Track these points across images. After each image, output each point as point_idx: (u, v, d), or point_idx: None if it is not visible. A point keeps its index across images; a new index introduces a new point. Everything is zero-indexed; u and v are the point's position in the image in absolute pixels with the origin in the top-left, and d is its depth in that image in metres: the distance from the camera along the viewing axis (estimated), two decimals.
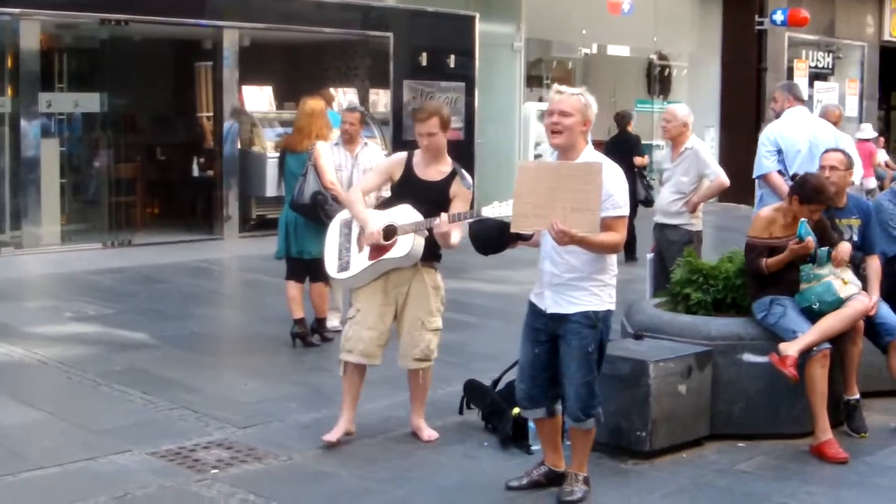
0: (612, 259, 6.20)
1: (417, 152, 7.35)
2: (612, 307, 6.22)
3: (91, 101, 16.15)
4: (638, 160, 15.60)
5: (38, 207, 15.26)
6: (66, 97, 16.09)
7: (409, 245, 7.10)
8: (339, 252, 7.42)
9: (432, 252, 7.26)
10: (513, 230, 6.04)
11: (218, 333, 11.11)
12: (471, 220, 6.60)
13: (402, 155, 7.42)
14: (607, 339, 6.31)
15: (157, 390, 8.59)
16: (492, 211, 6.86)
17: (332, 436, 7.28)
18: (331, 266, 7.49)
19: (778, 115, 9.62)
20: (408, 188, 7.22)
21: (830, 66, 27.10)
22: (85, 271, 13.71)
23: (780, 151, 9.19)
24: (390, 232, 7.10)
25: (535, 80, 22.90)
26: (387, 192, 7.65)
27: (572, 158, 6.10)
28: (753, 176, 9.40)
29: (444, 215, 6.94)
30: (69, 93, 16.19)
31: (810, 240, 7.35)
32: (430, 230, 7.04)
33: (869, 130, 21.82)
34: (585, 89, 6.21)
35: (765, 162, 9.21)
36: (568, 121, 6.05)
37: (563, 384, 6.22)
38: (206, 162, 17.94)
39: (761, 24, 24.14)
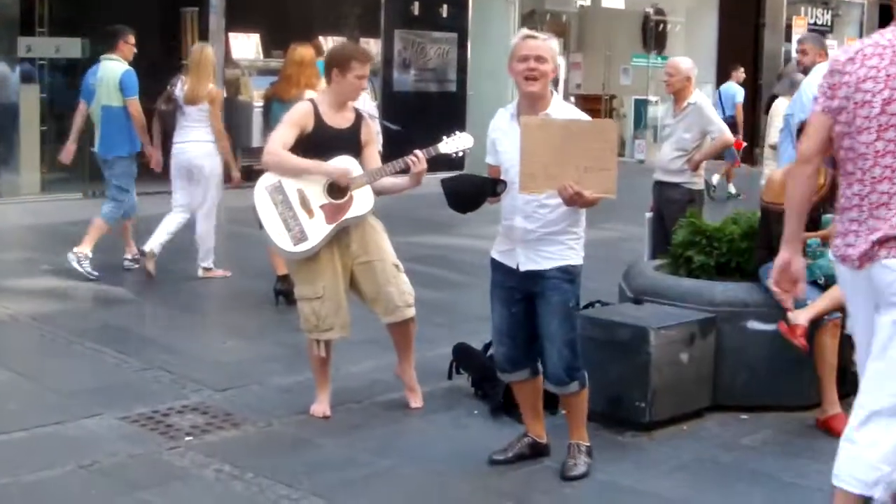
0: (583, 210, 5.84)
1: (320, 100, 6.91)
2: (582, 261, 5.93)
3: (72, 47, 15.61)
4: None
5: (17, 156, 14.88)
6: (46, 42, 15.60)
7: (370, 198, 6.71)
8: (284, 223, 6.61)
9: None
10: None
11: (198, 289, 10.71)
12: (444, 178, 6.15)
13: (308, 104, 6.87)
14: (579, 294, 6.02)
15: (133, 349, 8.25)
16: (447, 146, 6.64)
17: (326, 409, 6.90)
18: (282, 241, 6.63)
19: (807, 68, 9.21)
20: (320, 137, 6.71)
21: (829, 24, 26.73)
22: (64, 222, 13.28)
23: None
24: (342, 188, 6.66)
25: None
26: None
27: (543, 108, 5.79)
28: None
29: (419, 153, 6.62)
30: (50, 37, 15.70)
31: None
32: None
33: None
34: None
35: None
36: (544, 66, 5.74)
37: (544, 346, 5.87)
38: None
39: None
